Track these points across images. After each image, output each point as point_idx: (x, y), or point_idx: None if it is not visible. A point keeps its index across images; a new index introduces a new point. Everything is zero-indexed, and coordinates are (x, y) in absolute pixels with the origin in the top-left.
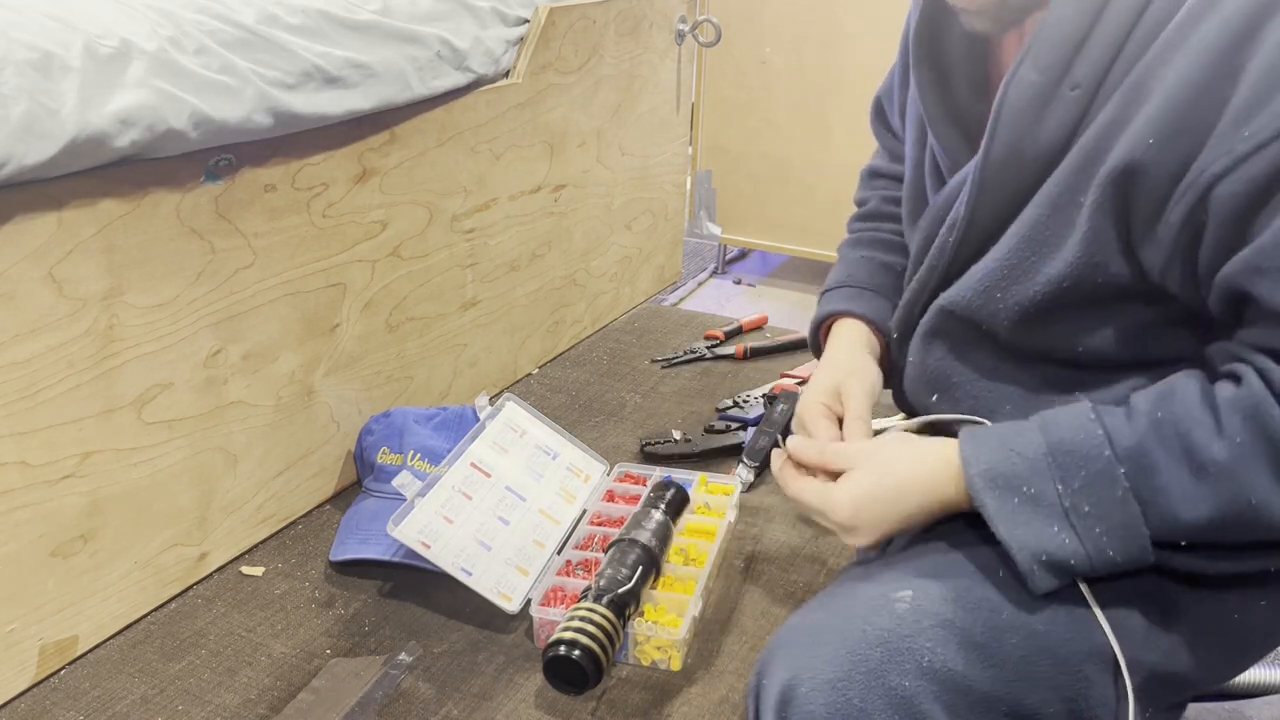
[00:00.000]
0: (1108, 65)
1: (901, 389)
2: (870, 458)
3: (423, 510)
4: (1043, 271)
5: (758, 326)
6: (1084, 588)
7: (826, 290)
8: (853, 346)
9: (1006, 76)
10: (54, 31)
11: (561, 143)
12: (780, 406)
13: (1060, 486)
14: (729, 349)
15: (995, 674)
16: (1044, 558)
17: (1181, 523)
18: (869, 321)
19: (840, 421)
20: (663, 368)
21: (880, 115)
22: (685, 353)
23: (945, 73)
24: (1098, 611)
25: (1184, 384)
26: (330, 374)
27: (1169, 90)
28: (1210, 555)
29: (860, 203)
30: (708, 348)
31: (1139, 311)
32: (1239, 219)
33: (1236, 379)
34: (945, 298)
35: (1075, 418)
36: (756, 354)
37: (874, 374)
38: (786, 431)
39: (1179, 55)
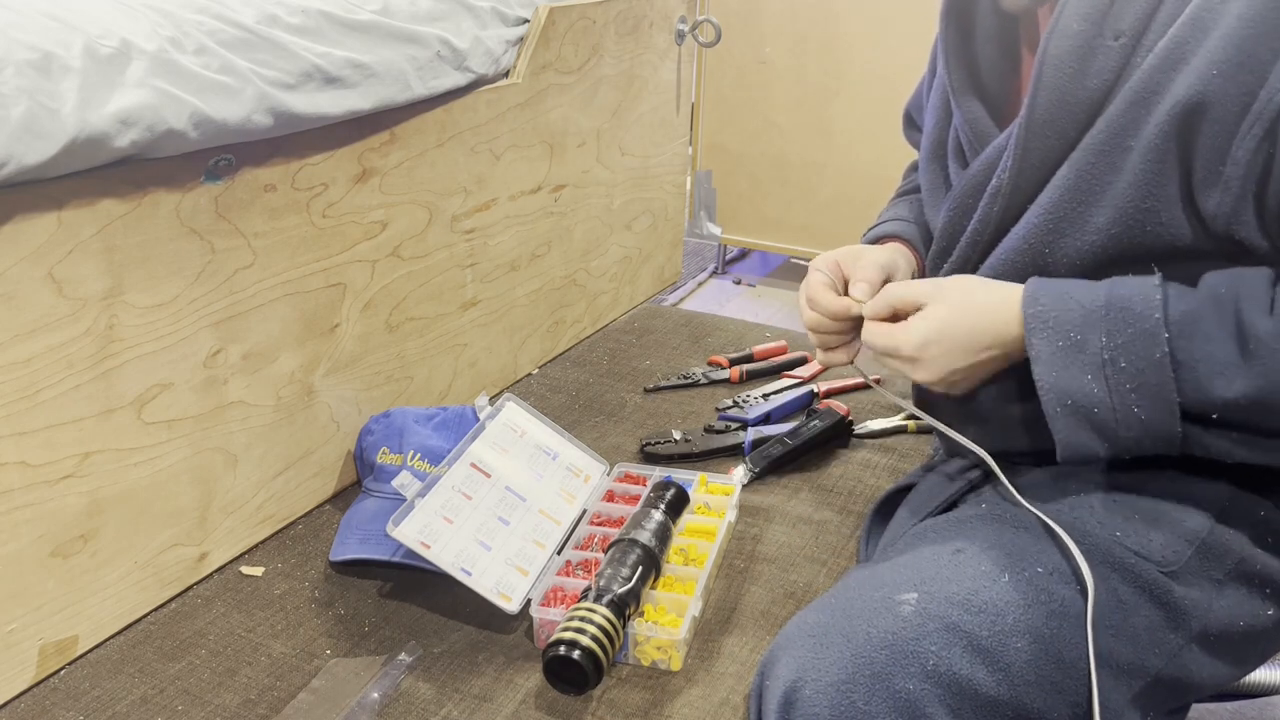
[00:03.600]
0: (1151, 13)
1: None
2: (943, 293)
3: (423, 510)
4: (1091, 222)
5: (774, 356)
6: (1089, 588)
7: (867, 232)
8: (884, 247)
9: (1047, 30)
10: (54, 31)
11: (561, 143)
12: (813, 422)
13: (1105, 339)
14: (724, 374)
15: (1001, 678)
16: (1069, 402)
17: (1214, 395)
18: (908, 242)
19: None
20: (646, 391)
21: (911, 123)
22: (679, 378)
23: (973, 51)
24: (1090, 612)
25: (1257, 270)
26: (330, 374)
27: (1231, 25)
28: (1237, 439)
29: (901, 193)
30: (703, 373)
31: (1189, 270)
32: None
33: None
34: (990, 266)
35: (1142, 281)
36: (753, 376)
37: (893, 259)
38: (802, 446)
39: None
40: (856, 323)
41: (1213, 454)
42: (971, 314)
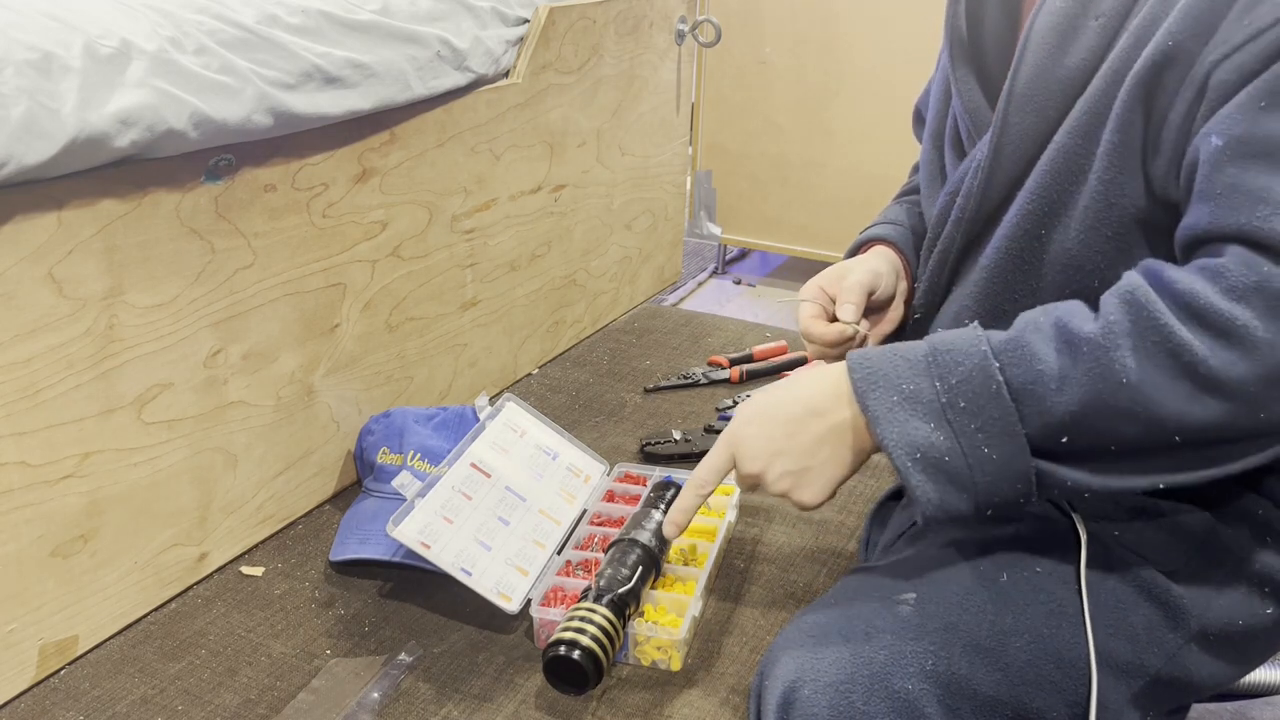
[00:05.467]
0: None
1: None
2: (757, 392)
3: (423, 510)
4: (1078, 203)
5: (774, 356)
6: (1082, 587)
7: (862, 232)
8: (866, 255)
9: (1035, 7)
10: (54, 31)
11: (561, 143)
12: None
13: (938, 383)
14: (724, 374)
15: (1000, 677)
16: (918, 455)
17: (1056, 408)
18: (893, 244)
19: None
20: (646, 391)
21: (920, 120)
22: (679, 378)
23: (980, 37)
24: (1086, 610)
25: (1071, 300)
26: (330, 374)
27: None
28: (1091, 468)
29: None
30: (703, 373)
31: (1166, 246)
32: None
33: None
34: (984, 256)
35: (960, 329)
36: (753, 376)
37: (878, 268)
38: None
39: None
40: (860, 340)
41: (1069, 488)
42: (789, 388)
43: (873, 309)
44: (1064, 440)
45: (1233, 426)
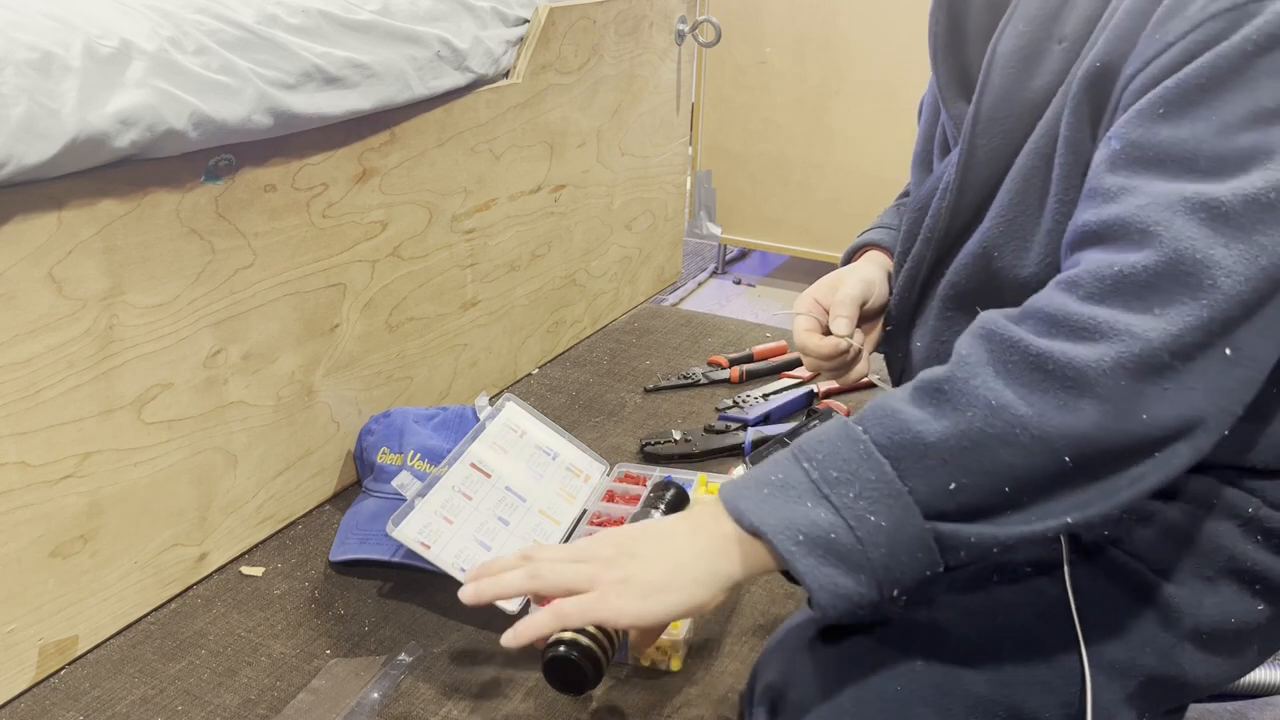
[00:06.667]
0: (1094, 19)
1: (901, 381)
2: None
3: (422, 510)
4: (1041, 226)
5: (774, 356)
6: (1067, 583)
7: (858, 236)
8: (855, 263)
9: (998, 29)
10: (54, 31)
11: (561, 143)
12: (813, 422)
13: (806, 464)
14: (724, 374)
15: (991, 678)
16: (801, 537)
17: (930, 450)
18: (887, 249)
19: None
20: (646, 391)
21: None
22: (679, 378)
23: (963, 49)
24: (1074, 610)
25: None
26: (330, 374)
27: (1125, 8)
28: (995, 515)
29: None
30: (703, 373)
31: None
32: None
33: None
34: (952, 271)
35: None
36: (753, 376)
37: (870, 277)
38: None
39: None
40: (854, 353)
41: (975, 545)
42: (663, 520)
43: (866, 318)
44: (951, 488)
45: (1118, 433)
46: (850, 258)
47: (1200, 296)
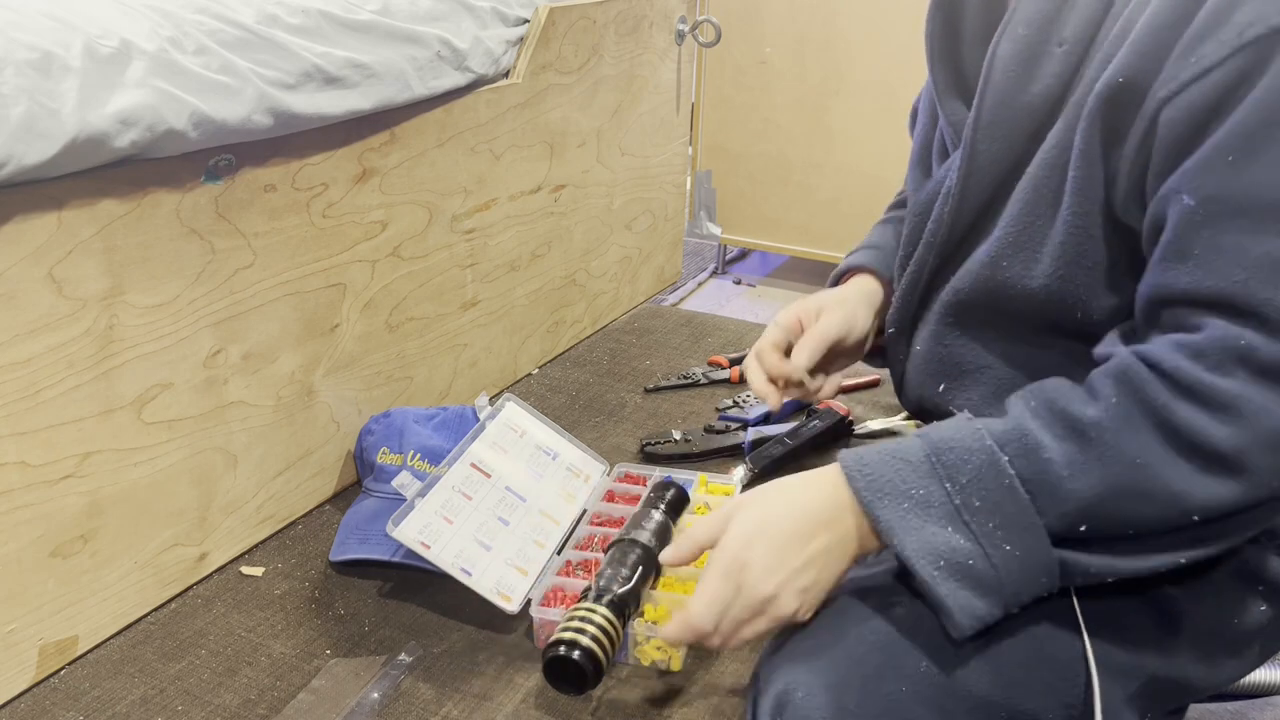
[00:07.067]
0: (1096, 22)
1: (902, 384)
2: (744, 499)
3: (422, 510)
4: (1053, 238)
5: None
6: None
7: (847, 257)
8: (844, 290)
9: (998, 33)
10: (54, 31)
11: (561, 143)
12: (813, 422)
13: (949, 485)
14: (724, 374)
15: (993, 679)
16: (942, 563)
17: (1071, 496)
18: (876, 273)
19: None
20: (646, 391)
21: (916, 118)
22: (679, 378)
23: (960, 52)
24: (1079, 613)
25: (1051, 380)
26: (330, 374)
27: (1145, 20)
28: (1115, 550)
29: (899, 194)
30: (703, 373)
31: (1137, 274)
32: (1177, 146)
33: (1107, 359)
34: (957, 280)
35: (954, 422)
36: None
37: (854, 315)
38: (803, 447)
39: None
40: (808, 391)
41: (1094, 574)
42: (782, 498)
43: (841, 352)
44: (1082, 529)
45: (1252, 500)
46: (839, 279)
47: None
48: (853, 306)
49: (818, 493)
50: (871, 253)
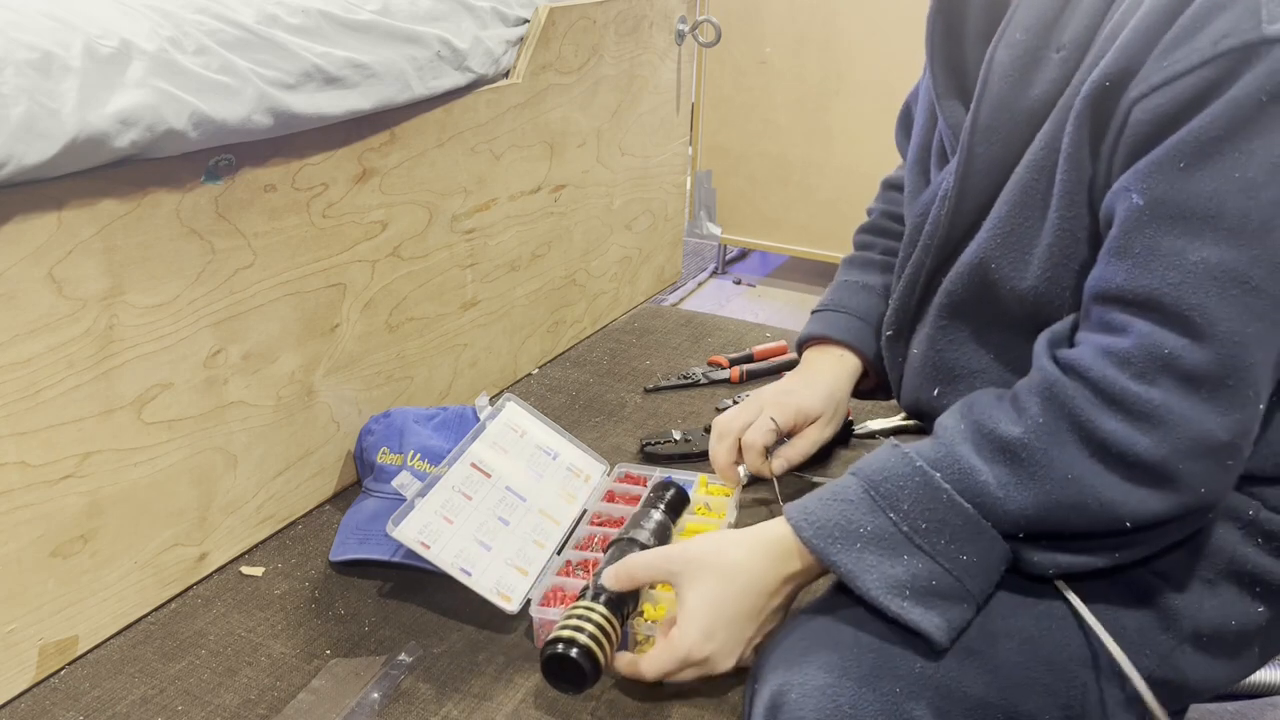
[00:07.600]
0: (1093, 28)
1: (899, 387)
2: (692, 566)
3: (422, 510)
4: (1040, 240)
5: (774, 356)
6: (1071, 591)
7: (814, 311)
8: (835, 384)
9: (995, 38)
10: (54, 31)
11: (561, 143)
12: None
13: (892, 514)
14: (724, 374)
15: (990, 680)
16: (907, 592)
17: (1008, 515)
18: (842, 344)
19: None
20: (646, 391)
21: (905, 124)
22: (679, 378)
23: (960, 53)
24: (1087, 614)
25: (980, 394)
26: (330, 374)
27: (1134, 23)
28: (1056, 547)
29: (869, 213)
30: (703, 373)
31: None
32: (1140, 146)
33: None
34: (950, 280)
35: (881, 452)
36: (753, 376)
37: (838, 411)
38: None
39: None
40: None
41: (1039, 568)
42: (736, 575)
43: (808, 423)
44: (1021, 537)
45: (1181, 508)
46: (806, 342)
47: (1248, 388)
48: (840, 407)
49: (763, 559)
50: (829, 317)
